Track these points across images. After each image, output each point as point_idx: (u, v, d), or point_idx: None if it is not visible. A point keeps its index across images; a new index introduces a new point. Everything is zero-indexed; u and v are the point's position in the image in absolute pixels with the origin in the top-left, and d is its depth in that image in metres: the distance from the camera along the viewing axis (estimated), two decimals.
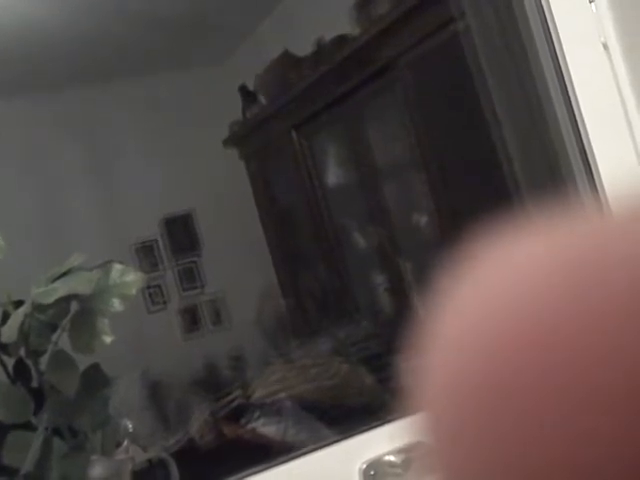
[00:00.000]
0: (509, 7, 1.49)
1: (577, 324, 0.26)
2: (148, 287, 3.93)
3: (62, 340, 1.28)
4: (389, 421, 1.29)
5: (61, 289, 1.24)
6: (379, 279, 3.42)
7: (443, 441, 0.28)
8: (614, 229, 0.28)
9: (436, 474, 0.28)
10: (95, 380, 1.32)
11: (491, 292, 0.28)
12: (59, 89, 3.78)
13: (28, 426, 1.28)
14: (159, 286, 4.05)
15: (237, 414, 2.58)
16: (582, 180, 1.42)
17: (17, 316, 1.24)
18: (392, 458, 1.25)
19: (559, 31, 1.38)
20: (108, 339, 1.24)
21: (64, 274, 1.28)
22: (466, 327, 0.28)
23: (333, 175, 3.59)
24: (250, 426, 2.48)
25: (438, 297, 0.30)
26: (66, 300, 1.26)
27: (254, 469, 1.27)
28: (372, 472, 1.24)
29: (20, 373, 1.32)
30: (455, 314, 0.29)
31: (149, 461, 1.57)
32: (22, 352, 1.31)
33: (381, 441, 1.26)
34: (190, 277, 4.14)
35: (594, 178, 1.39)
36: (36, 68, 3.50)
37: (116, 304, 1.26)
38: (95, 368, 1.33)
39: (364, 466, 1.25)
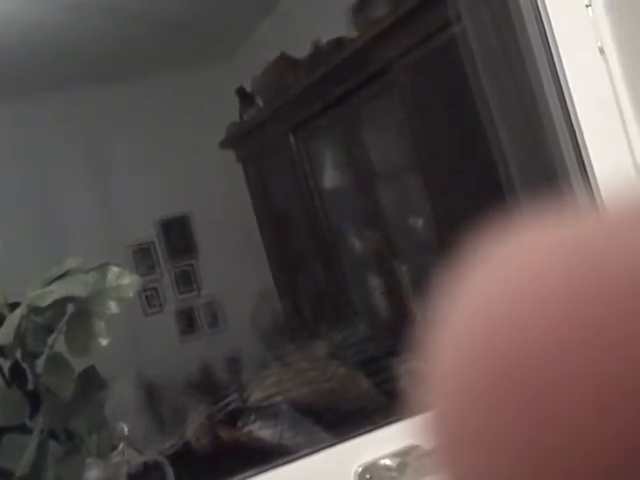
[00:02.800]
0: (506, 10, 1.49)
1: (576, 319, 0.26)
2: (144, 290, 3.93)
3: (58, 343, 1.28)
4: (385, 424, 1.29)
5: (57, 291, 1.24)
6: (376, 282, 3.42)
7: (449, 438, 0.28)
8: (610, 227, 0.28)
9: (439, 472, 0.28)
10: (91, 383, 1.32)
11: (491, 288, 0.28)
12: (59, 89, 3.77)
13: (24, 429, 1.28)
14: (155, 289, 4.05)
15: (233, 417, 2.57)
16: (578, 182, 1.42)
17: (13, 318, 1.24)
18: (388, 462, 1.24)
19: (556, 35, 1.38)
20: (104, 341, 1.24)
21: (60, 276, 1.28)
22: (469, 322, 0.28)
23: (330, 178, 3.59)
24: (246, 429, 2.47)
25: (436, 298, 0.30)
26: (62, 302, 1.26)
27: (250, 472, 1.27)
28: (368, 476, 1.24)
29: (16, 376, 1.32)
30: (457, 311, 0.29)
31: (145, 464, 1.57)
32: (18, 354, 1.30)
33: (377, 444, 1.26)
34: (186, 280, 4.14)
35: (590, 180, 1.39)
36: (36, 68, 3.50)
37: (112, 306, 1.26)
38: (91, 370, 1.32)
39: (360, 469, 1.24)
